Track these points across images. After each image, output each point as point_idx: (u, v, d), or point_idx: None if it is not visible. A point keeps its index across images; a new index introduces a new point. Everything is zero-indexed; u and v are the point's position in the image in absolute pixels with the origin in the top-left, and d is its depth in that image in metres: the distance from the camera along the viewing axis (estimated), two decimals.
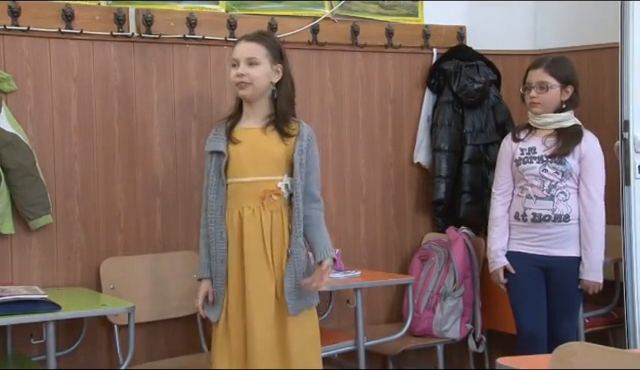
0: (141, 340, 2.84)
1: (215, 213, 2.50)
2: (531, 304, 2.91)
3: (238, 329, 2.47)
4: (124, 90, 2.97)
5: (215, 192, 2.51)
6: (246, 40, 2.57)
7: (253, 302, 2.45)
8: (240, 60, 2.53)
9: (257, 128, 2.55)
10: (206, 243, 2.54)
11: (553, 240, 2.87)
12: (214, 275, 2.51)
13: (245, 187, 2.51)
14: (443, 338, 3.31)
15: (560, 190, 2.85)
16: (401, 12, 3.54)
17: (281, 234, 2.51)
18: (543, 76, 2.88)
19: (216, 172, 2.51)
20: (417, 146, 3.57)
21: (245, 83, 2.51)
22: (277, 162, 2.53)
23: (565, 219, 2.85)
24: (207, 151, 2.56)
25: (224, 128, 2.56)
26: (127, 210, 2.97)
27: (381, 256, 3.52)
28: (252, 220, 2.48)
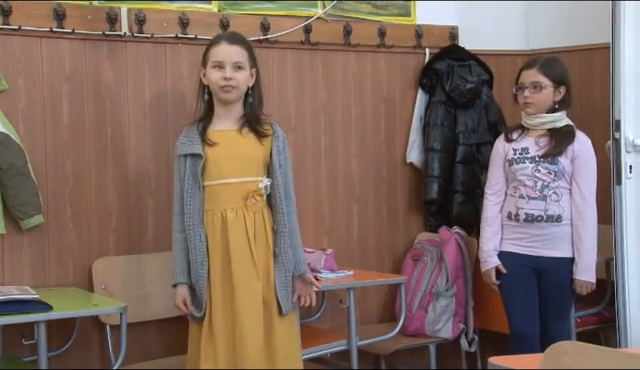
0: (133, 340, 2.83)
1: (192, 216, 2.48)
2: (523, 304, 2.91)
3: (224, 332, 2.46)
4: (116, 90, 2.96)
5: (192, 195, 2.49)
6: (230, 42, 2.54)
7: (242, 304, 2.45)
8: (226, 63, 2.52)
9: (233, 130, 2.55)
10: (182, 247, 2.52)
11: (545, 241, 2.88)
12: (195, 279, 2.49)
13: (226, 189, 2.50)
14: (435, 338, 3.31)
15: (553, 190, 2.86)
16: (393, 12, 3.55)
17: (264, 235, 2.53)
18: (537, 76, 2.89)
19: (192, 175, 2.49)
20: (410, 146, 3.58)
21: (232, 87, 2.52)
22: (256, 163, 2.55)
23: (557, 219, 2.85)
24: (179, 154, 2.53)
25: (196, 130, 2.54)
26: (119, 210, 2.96)
27: (374, 256, 3.52)
28: (236, 222, 2.49)
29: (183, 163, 2.52)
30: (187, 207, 2.50)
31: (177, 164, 2.56)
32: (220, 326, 2.47)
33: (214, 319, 2.47)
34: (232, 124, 2.56)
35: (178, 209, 2.54)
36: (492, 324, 3.36)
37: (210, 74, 2.54)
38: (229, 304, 2.47)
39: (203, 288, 2.48)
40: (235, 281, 2.47)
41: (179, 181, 2.54)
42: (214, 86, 2.54)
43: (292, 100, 3.33)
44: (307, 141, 3.37)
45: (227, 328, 2.47)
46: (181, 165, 2.53)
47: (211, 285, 2.49)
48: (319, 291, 3.01)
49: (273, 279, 2.52)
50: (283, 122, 3.27)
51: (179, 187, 2.54)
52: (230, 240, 2.48)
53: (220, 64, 2.52)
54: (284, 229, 2.54)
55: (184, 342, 2.62)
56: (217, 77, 2.52)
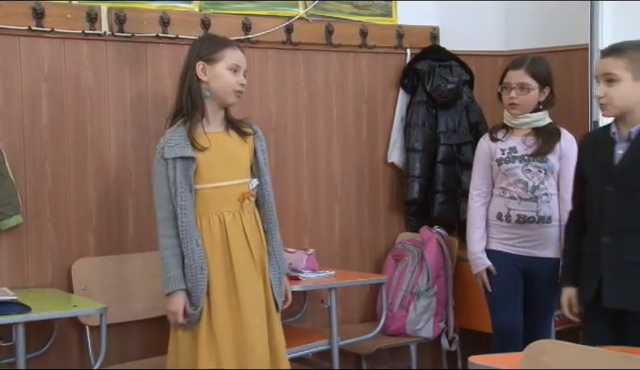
0: (114, 341, 2.81)
1: (188, 221, 2.43)
2: (508, 303, 2.92)
3: (228, 333, 2.44)
4: (96, 89, 2.94)
5: (185, 199, 2.43)
6: (239, 49, 2.55)
7: (249, 304, 2.45)
8: (242, 69, 2.52)
9: (220, 132, 2.53)
10: (175, 253, 2.45)
11: (534, 241, 2.88)
12: (193, 284, 2.44)
13: (220, 192, 2.48)
14: (416, 337, 3.33)
15: (543, 192, 2.86)
16: (375, 12, 3.55)
17: (259, 234, 2.54)
18: (523, 77, 2.87)
19: (185, 178, 2.43)
20: (391, 146, 3.59)
21: (241, 92, 2.53)
22: (245, 164, 2.55)
23: (548, 221, 2.86)
24: (168, 158, 2.44)
25: (184, 133, 2.47)
26: (99, 210, 2.94)
27: (355, 256, 3.53)
28: (234, 224, 2.48)
29: (172, 167, 2.44)
30: (180, 212, 2.43)
31: (162, 167, 2.46)
32: (224, 328, 2.44)
33: (216, 322, 2.44)
34: (218, 126, 2.54)
35: (166, 214, 2.45)
36: (472, 323, 3.38)
37: (224, 75, 2.48)
38: (235, 305, 2.45)
39: (203, 293, 2.43)
40: (239, 282, 2.45)
41: (165, 185, 2.45)
42: (226, 87, 2.49)
43: (273, 100, 3.33)
44: (288, 141, 3.37)
45: (232, 329, 2.45)
46: (169, 169, 2.45)
47: (211, 289, 2.45)
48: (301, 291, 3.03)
49: (269, 277, 2.54)
50: (264, 122, 3.27)
51: (165, 192, 2.45)
52: (230, 242, 2.47)
53: (237, 68, 2.50)
54: (275, 227, 2.57)
55: (165, 343, 2.61)
56: (233, 80, 2.49)
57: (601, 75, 2.28)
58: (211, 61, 2.49)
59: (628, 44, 2.33)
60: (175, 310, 2.45)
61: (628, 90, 2.24)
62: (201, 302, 2.44)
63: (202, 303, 2.44)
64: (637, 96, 2.25)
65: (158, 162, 2.49)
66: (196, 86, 2.49)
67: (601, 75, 2.28)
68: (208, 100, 2.50)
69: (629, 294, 2.23)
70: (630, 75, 2.24)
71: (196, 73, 2.49)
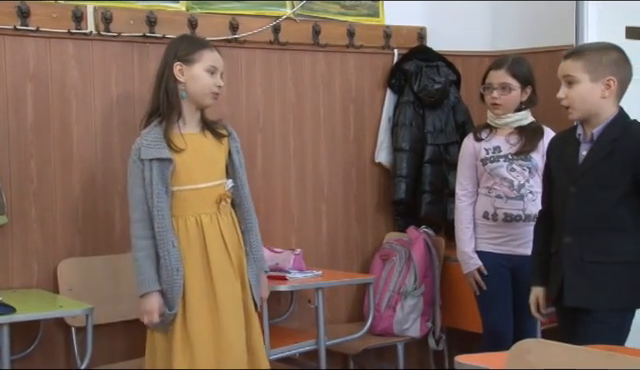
0: (100, 342, 2.80)
1: (164, 222, 2.42)
2: (498, 303, 2.94)
3: (204, 335, 2.44)
4: (82, 89, 2.93)
5: (161, 200, 2.42)
6: (217, 50, 2.55)
7: (226, 305, 2.45)
8: (219, 71, 2.52)
9: (196, 133, 2.52)
10: (149, 254, 2.44)
11: (521, 239, 2.90)
12: (169, 286, 2.43)
13: (197, 194, 2.48)
14: (403, 337, 3.33)
15: (529, 190, 2.88)
16: (362, 12, 3.56)
17: (236, 235, 2.54)
18: (505, 77, 2.91)
19: (161, 180, 2.42)
20: (378, 146, 3.60)
21: (218, 94, 2.53)
22: (221, 165, 2.54)
23: (534, 219, 2.85)
24: (145, 159, 2.43)
25: (159, 134, 2.46)
26: (85, 210, 2.93)
27: (342, 255, 3.53)
28: (211, 226, 2.48)
29: (149, 168, 2.43)
30: (157, 213, 2.42)
31: (138, 169, 2.45)
32: (199, 329, 2.43)
33: (191, 324, 2.43)
34: (193, 127, 2.53)
35: (141, 215, 2.44)
36: (459, 323, 3.39)
37: (201, 76, 2.48)
38: (212, 307, 2.45)
39: (179, 295, 2.43)
40: (216, 283, 2.45)
41: (141, 186, 2.44)
42: (203, 89, 2.49)
43: (261, 100, 3.33)
44: (276, 141, 3.36)
45: (209, 330, 2.44)
46: (145, 170, 2.43)
47: (187, 290, 2.44)
48: (288, 291, 3.03)
49: (247, 278, 2.54)
50: (252, 122, 3.28)
51: (141, 192, 2.44)
52: (207, 244, 2.46)
53: (215, 69, 2.50)
54: (252, 227, 2.57)
55: None
56: (211, 82, 2.49)
57: (562, 77, 2.31)
58: (188, 62, 2.48)
59: (588, 46, 2.38)
60: (150, 311, 2.44)
61: (586, 91, 2.25)
62: (177, 304, 2.43)
63: (178, 305, 2.43)
64: (596, 97, 2.26)
65: (134, 163, 2.47)
66: (173, 86, 2.48)
67: (562, 77, 2.31)
68: (184, 101, 2.50)
69: (589, 293, 2.25)
70: (588, 76, 2.25)
71: (173, 73, 2.48)
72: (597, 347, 1.78)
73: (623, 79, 2.28)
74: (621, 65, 2.28)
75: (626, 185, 2.21)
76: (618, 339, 2.14)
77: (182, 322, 2.44)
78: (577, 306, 2.28)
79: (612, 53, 2.28)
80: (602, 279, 2.24)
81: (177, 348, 2.42)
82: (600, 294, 2.24)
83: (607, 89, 2.25)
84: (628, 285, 2.23)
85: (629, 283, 2.23)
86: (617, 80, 2.26)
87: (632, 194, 2.21)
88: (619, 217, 2.23)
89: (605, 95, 2.26)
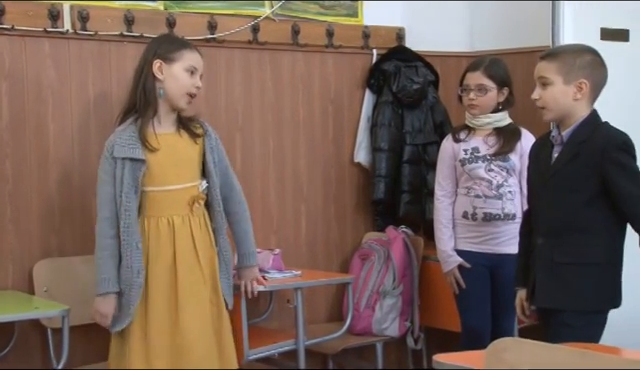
0: (77, 343, 2.78)
1: (130, 222, 2.40)
2: (477, 302, 2.96)
3: (163, 337, 2.43)
4: (59, 88, 2.90)
5: (130, 200, 2.40)
6: (199, 53, 2.54)
7: (188, 308, 2.44)
8: (199, 72, 2.50)
9: (171, 133, 2.51)
10: (112, 254, 2.42)
11: (500, 238, 2.92)
12: (127, 286, 2.42)
13: (170, 195, 2.47)
14: (382, 336, 3.34)
15: (507, 189, 2.91)
16: (341, 12, 3.56)
17: (207, 235, 2.53)
18: (481, 79, 2.94)
19: (132, 179, 2.41)
20: (357, 146, 3.60)
21: (195, 96, 2.51)
22: (195, 166, 2.53)
23: (512, 218, 2.90)
24: (118, 157, 2.41)
25: (134, 133, 2.44)
26: (62, 211, 2.90)
27: (322, 255, 3.53)
28: (183, 228, 2.47)
29: (121, 166, 2.41)
30: (124, 212, 2.40)
31: (110, 166, 2.43)
32: (158, 331, 2.42)
33: (150, 325, 2.42)
34: (169, 127, 2.51)
35: (108, 213, 2.43)
36: (437, 322, 3.41)
37: (180, 76, 2.46)
38: (173, 309, 2.44)
39: (137, 297, 2.41)
40: (181, 286, 2.44)
41: (111, 184, 2.42)
42: (181, 89, 2.47)
43: (240, 100, 3.32)
44: (255, 141, 3.36)
45: (169, 333, 2.43)
46: (117, 168, 2.42)
47: (148, 292, 2.43)
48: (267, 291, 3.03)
49: (218, 279, 2.53)
50: (230, 122, 3.27)
51: (110, 190, 2.42)
52: (177, 246, 2.45)
53: (194, 70, 2.49)
54: (221, 225, 2.56)
55: None
56: (189, 82, 2.48)
57: (536, 78, 2.33)
58: (168, 60, 2.47)
59: (563, 48, 2.40)
60: (104, 313, 2.44)
61: (559, 93, 2.27)
62: (133, 305, 2.41)
63: (135, 306, 2.41)
64: (569, 99, 2.27)
65: (106, 159, 2.45)
66: (151, 84, 2.46)
67: (536, 78, 2.33)
68: (161, 99, 2.48)
69: (557, 294, 2.26)
70: (561, 78, 2.27)
71: (152, 71, 2.46)
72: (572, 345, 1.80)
73: (596, 82, 2.29)
74: (595, 68, 2.29)
75: (593, 187, 2.22)
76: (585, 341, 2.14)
77: (141, 323, 2.42)
78: (544, 307, 2.31)
79: (586, 56, 2.29)
80: (570, 280, 2.25)
81: (133, 348, 2.42)
82: (567, 295, 2.25)
83: (579, 91, 2.27)
84: (595, 287, 2.25)
85: (596, 285, 2.24)
86: (590, 83, 2.27)
87: (600, 196, 2.23)
88: (587, 219, 2.24)
89: (577, 97, 2.27)
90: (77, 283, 2.87)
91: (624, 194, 2.19)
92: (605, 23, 3.26)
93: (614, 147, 2.21)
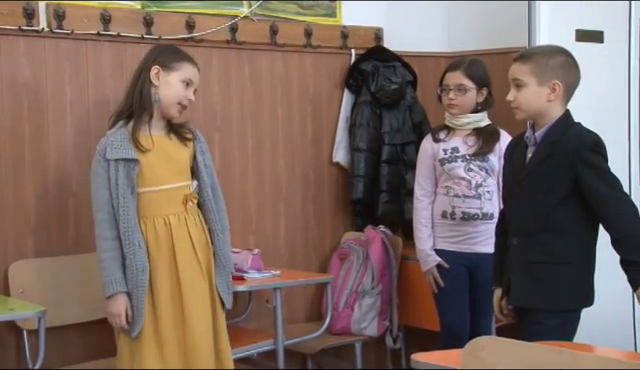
0: (53, 345, 2.75)
1: (130, 222, 2.42)
2: (455, 301, 2.98)
3: (173, 335, 2.44)
4: (34, 87, 2.87)
5: (127, 201, 2.42)
6: (197, 67, 2.57)
7: (193, 306, 2.46)
8: (194, 85, 2.55)
9: (162, 135, 2.53)
10: (115, 256, 2.43)
11: (478, 238, 2.94)
12: (134, 286, 2.43)
13: (164, 195, 2.49)
14: (361, 336, 3.35)
15: (486, 189, 2.93)
16: (320, 12, 3.57)
17: (204, 236, 2.55)
18: (461, 79, 2.95)
19: (127, 180, 2.43)
20: (336, 146, 3.61)
21: (186, 108, 2.55)
22: (186, 167, 2.56)
23: (490, 217, 2.92)
24: (110, 159, 2.43)
25: (126, 135, 2.47)
26: (38, 211, 2.87)
27: (301, 255, 3.53)
28: (179, 226, 2.49)
29: (114, 168, 2.43)
30: (123, 213, 2.42)
31: (103, 169, 2.45)
32: (169, 330, 2.44)
33: (161, 324, 2.44)
34: (159, 130, 2.54)
35: (106, 216, 2.44)
36: (416, 321, 3.42)
37: (175, 85, 2.50)
38: (179, 308, 2.45)
39: (144, 295, 2.43)
40: (184, 284, 2.46)
41: (106, 187, 2.44)
42: (174, 98, 2.51)
43: (218, 100, 3.31)
44: (233, 141, 3.35)
45: (177, 331, 2.45)
46: (111, 170, 2.44)
47: (154, 292, 2.45)
48: (246, 291, 3.02)
49: (214, 278, 2.55)
50: (209, 122, 3.25)
51: (106, 193, 2.44)
52: (175, 244, 2.47)
53: (191, 83, 2.53)
54: (217, 227, 2.58)
55: (106, 345, 2.57)
56: (183, 94, 2.52)
57: (511, 80, 2.35)
58: (167, 68, 2.51)
59: (536, 50, 2.42)
60: (118, 313, 2.44)
61: (533, 94, 2.29)
62: (142, 305, 2.42)
63: (142, 307, 2.42)
64: (543, 100, 2.29)
65: (99, 163, 2.47)
66: (147, 89, 2.50)
67: (511, 80, 2.35)
68: (156, 105, 2.51)
69: (530, 293, 2.28)
70: (535, 80, 2.28)
71: (149, 76, 2.49)
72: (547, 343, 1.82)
73: (569, 83, 2.31)
74: (568, 69, 2.31)
75: (566, 187, 2.25)
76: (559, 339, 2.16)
77: (152, 323, 2.44)
78: (518, 305, 2.33)
79: (559, 57, 2.31)
80: (544, 280, 2.27)
81: (148, 349, 2.43)
82: (540, 294, 2.27)
83: (553, 93, 2.29)
84: (568, 286, 2.27)
85: (569, 284, 2.27)
86: (563, 84, 2.29)
87: (572, 195, 2.25)
88: (560, 218, 2.26)
89: (551, 99, 2.29)
90: (53, 284, 2.85)
91: (595, 194, 2.22)
92: (580, 25, 3.30)
93: (586, 147, 2.24)
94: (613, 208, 2.21)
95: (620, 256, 2.21)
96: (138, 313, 2.43)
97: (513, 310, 2.41)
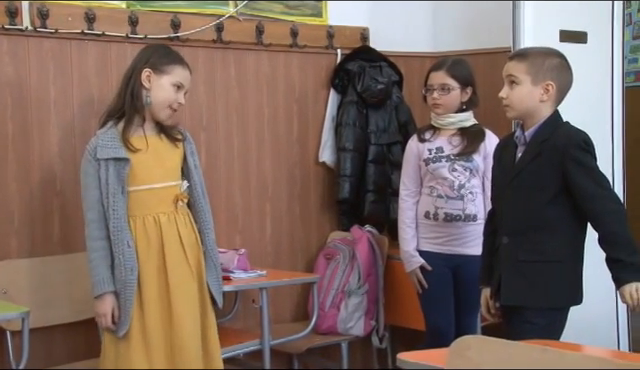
0: (37, 346, 2.73)
1: (119, 222, 2.43)
2: (440, 302, 2.98)
3: (160, 335, 2.44)
4: (18, 86, 2.85)
5: (117, 200, 2.43)
6: (189, 69, 2.57)
7: (181, 306, 2.46)
8: (185, 88, 2.55)
9: (153, 135, 2.54)
10: (104, 255, 2.44)
11: (461, 239, 2.94)
12: (122, 286, 2.43)
13: (154, 194, 2.50)
14: (348, 335, 3.35)
15: (469, 190, 2.93)
16: (306, 12, 3.56)
17: (194, 235, 2.56)
18: (444, 78, 2.96)
19: (118, 180, 2.44)
20: (322, 146, 3.61)
21: (176, 111, 2.55)
22: (176, 167, 2.57)
23: (473, 219, 2.92)
24: (100, 158, 2.44)
25: (116, 135, 2.48)
26: (22, 211, 2.85)
27: (287, 255, 3.53)
28: (169, 225, 2.49)
29: (105, 167, 2.44)
30: (112, 213, 2.42)
31: (94, 168, 2.45)
32: (156, 330, 2.44)
33: (148, 324, 2.43)
34: (150, 130, 2.55)
35: (96, 216, 2.45)
36: (402, 320, 3.43)
37: (166, 89, 2.50)
38: (167, 307, 2.45)
39: (132, 295, 2.43)
40: (172, 283, 2.46)
41: (97, 187, 2.44)
42: (164, 102, 2.51)
43: (204, 100, 3.30)
44: (219, 141, 3.34)
45: (164, 331, 2.45)
46: (101, 170, 2.44)
47: (142, 291, 2.45)
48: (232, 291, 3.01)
49: (205, 278, 2.55)
50: (195, 121, 3.24)
51: (96, 193, 2.44)
52: (165, 244, 2.48)
53: (182, 86, 2.53)
54: (208, 227, 2.59)
55: (90, 346, 2.56)
56: (173, 98, 2.52)
57: (505, 77, 2.36)
58: (158, 72, 2.50)
59: (532, 49, 2.42)
60: (104, 313, 2.44)
61: (526, 93, 2.30)
62: (130, 305, 2.42)
63: (130, 306, 2.42)
64: (535, 99, 2.31)
65: (89, 162, 2.47)
66: (138, 91, 2.50)
67: (505, 77, 2.36)
68: (147, 107, 2.51)
69: (520, 292, 2.30)
70: (530, 79, 2.30)
71: (140, 78, 2.49)
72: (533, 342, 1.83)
73: (562, 85, 2.34)
74: (561, 71, 2.33)
75: (555, 185, 2.26)
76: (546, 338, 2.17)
77: (139, 322, 2.43)
78: (508, 304, 2.34)
79: (555, 59, 2.33)
80: (534, 278, 2.29)
81: (134, 348, 2.42)
82: (530, 293, 2.29)
83: (546, 93, 2.31)
84: (557, 284, 2.28)
85: (558, 282, 2.28)
86: (556, 85, 2.31)
87: (562, 194, 2.26)
88: (550, 217, 2.28)
89: (543, 99, 2.31)
90: (37, 285, 2.83)
91: (583, 192, 2.24)
92: (564, 25, 3.32)
93: (574, 145, 2.25)
94: (600, 206, 2.23)
95: (606, 254, 2.23)
96: (125, 313, 2.43)
97: (500, 309, 2.43)
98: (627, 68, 4.41)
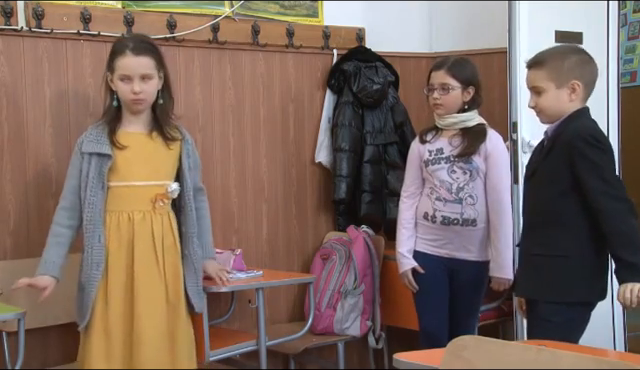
0: (33, 347, 2.73)
1: (94, 216, 2.45)
2: (434, 304, 2.96)
3: (121, 337, 2.45)
4: (13, 86, 2.84)
5: (95, 194, 2.46)
6: (135, 54, 2.49)
7: (142, 305, 2.46)
8: (134, 76, 2.49)
9: (143, 133, 2.55)
10: (61, 242, 2.49)
11: (459, 243, 2.91)
12: (86, 279, 2.46)
13: (133, 191, 2.50)
14: (344, 336, 3.35)
15: (468, 194, 2.88)
16: (301, 12, 3.56)
17: (172, 237, 2.55)
18: (444, 78, 2.91)
19: (98, 174, 2.47)
20: (318, 146, 3.61)
21: (141, 100, 2.51)
22: (165, 167, 2.56)
23: (472, 223, 2.88)
24: (85, 152, 2.50)
25: (104, 131, 2.52)
26: (18, 212, 2.84)
27: (283, 255, 3.53)
28: (143, 224, 2.49)
29: (87, 161, 2.49)
30: (88, 206, 2.46)
31: (77, 160, 2.52)
32: (117, 324, 2.45)
33: (110, 318, 2.45)
34: (142, 127, 2.56)
35: (68, 204, 2.51)
36: (398, 321, 3.43)
37: (118, 86, 2.52)
38: (129, 304, 2.47)
39: (93, 290, 2.45)
40: (137, 282, 2.47)
41: (76, 177, 2.51)
42: (124, 99, 2.53)
43: (200, 100, 3.29)
44: (215, 141, 3.34)
45: (125, 326, 2.46)
46: (84, 163, 2.49)
47: (109, 286, 2.46)
48: (228, 292, 3.01)
49: (182, 281, 2.53)
50: (191, 122, 3.24)
51: (74, 183, 2.51)
52: (135, 241, 2.48)
53: (128, 77, 2.50)
54: (193, 230, 2.58)
55: None
56: (126, 90, 2.51)
57: (529, 88, 2.36)
58: (112, 71, 2.54)
59: (547, 53, 2.38)
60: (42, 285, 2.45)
61: (553, 98, 2.31)
62: (89, 298, 2.45)
63: (93, 300, 2.45)
64: (564, 101, 2.31)
65: (75, 154, 2.55)
66: (110, 95, 2.56)
67: (529, 88, 2.36)
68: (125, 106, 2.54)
69: (531, 285, 2.33)
70: (553, 84, 2.31)
71: (107, 84, 2.56)
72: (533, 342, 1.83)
73: (587, 80, 2.33)
74: (584, 67, 2.33)
75: (566, 180, 2.26)
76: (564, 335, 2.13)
77: (103, 318, 2.45)
78: (521, 297, 2.38)
79: (572, 56, 2.33)
80: (545, 272, 2.30)
81: (95, 344, 2.45)
82: (541, 286, 2.30)
83: (573, 92, 2.30)
84: (567, 279, 2.28)
85: (568, 277, 2.28)
86: (582, 82, 2.31)
87: (573, 188, 2.26)
88: (560, 211, 2.28)
89: (572, 99, 2.31)
90: None
91: (587, 188, 2.23)
92: (560, 26, 3.33)
93: (581, 139, 2.24)
94: (603, 203, 2.21)
95: (609, 252, 2.23)
96: (86, 306, 2.46)
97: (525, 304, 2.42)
98: (622, 68, 4.41)
